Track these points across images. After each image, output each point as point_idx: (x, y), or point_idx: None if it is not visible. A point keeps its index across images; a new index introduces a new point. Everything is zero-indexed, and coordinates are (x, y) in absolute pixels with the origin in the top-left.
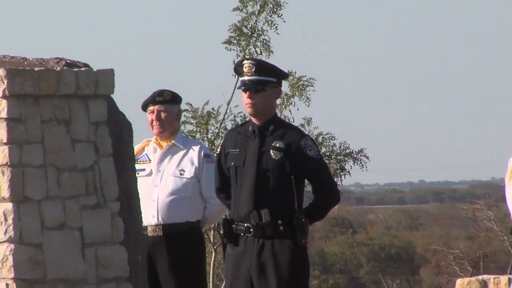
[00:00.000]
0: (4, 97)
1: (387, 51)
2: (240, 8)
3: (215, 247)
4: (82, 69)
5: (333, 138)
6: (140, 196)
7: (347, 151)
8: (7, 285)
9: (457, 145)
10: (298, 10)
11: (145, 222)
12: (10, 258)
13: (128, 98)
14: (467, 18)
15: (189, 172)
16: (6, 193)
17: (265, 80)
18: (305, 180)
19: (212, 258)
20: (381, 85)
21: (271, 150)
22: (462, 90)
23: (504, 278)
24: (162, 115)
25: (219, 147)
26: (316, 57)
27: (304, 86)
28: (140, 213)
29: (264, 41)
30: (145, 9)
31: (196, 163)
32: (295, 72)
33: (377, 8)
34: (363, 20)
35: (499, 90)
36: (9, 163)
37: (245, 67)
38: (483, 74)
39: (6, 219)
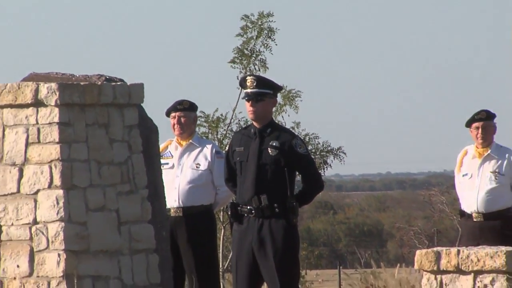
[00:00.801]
0: (56, 105)
1: (363, 69)
2: (242, 34)
3: (224, 225)
4: (118, 83)
5: (317, 138)
6: (164, 184)
7: (329, 148)
8: (58, 255)
9: (416, 143)
10: (288, 35)
11: (168, 205)
12: (61, 234)
13: (155, 106)
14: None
15: (204, 165)
16: (58, 182)
17: (264, 92)
18: (296, 172)
19: (222, 234)
20: (355, 96)
21: (268, 148)
22: (419, 99)
23: (453, 250)
24: (182, 120)
25: (227, 146)
26: (303, 73)
27: (294, 97)
28: (164, 198)
29: (261, 60)
30: (168, 38)
31: (209, 158)
32: (286, 86)
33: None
34: (340, 43)
35: (451, 98)
36: (60, 158)
37: (248, 82)
38: (441, 78)
39: (58, 203)
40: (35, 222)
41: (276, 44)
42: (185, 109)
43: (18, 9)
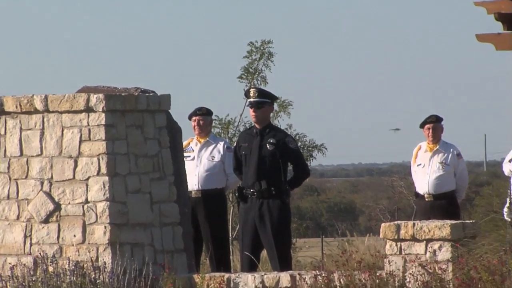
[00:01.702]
0: (103, 111)
1: (341, 85)
2: (248, 56)
3: (232, 204)
4: (151, 94)
5: (305, 136)
6: (187, 172)
7: (314, 144)
8: (105, 227)
9: (381, 140)
10: (283, 58)
11: (189, 188)
12: (107, 211)
13: (179, 112)
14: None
15: (217, 157)
16: (104, 170)
17: (263, 101)
18: (288, 162)
19: (231, 211)
20: (335, 105)
21: (267, 144)
22: (383, 106)
23: (410, 223)
24: (201, 122)
25: (235, 143)
26: (295, 87)
27: (287, 105)
28: (187, 182)
29: (262, 77)
30: (190, 60)
31: (221, 152)
32: (281, 97)
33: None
34: (322, 67)
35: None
36: (106, 152)
37: (251, 93)
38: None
39: (104, 187)
40: (86, 201)
41: (274, 65)
42: (203, 114)
43: (71, 33)
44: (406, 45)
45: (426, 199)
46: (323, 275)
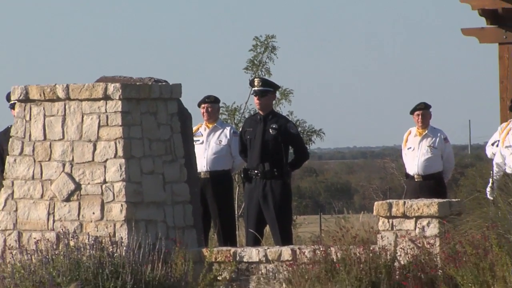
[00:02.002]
0: (119, 99)
1: (338, 73)
2: (253, 50)
3: (238, 184)
4: (163, 83)
5: (305, 122)
6: (196, 155)
7: (313, 129)
8: (121, 205)
9: (374, 126)
10: (285, 51)
11: (199, 170)
12: (123, 190)
13: (189, 100)
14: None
15: (224, 141)
16: (121, 153)
17: (267, 90)
18: (289, 146)
19: (237, 190)
20: (332, 93)
21: (270, 129)
22: (378, 94)
23: (401, 201)
24: (209, 109)
25: (241, 128)
26: (295, 77)
27: (288, 94)
28: (196, 164)
29: (266, 68)
30: (202, 54)
31: (228, 136)
32: (283, 86)
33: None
34: (322, 58)
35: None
36: (122, 137)
37: (256, 82)
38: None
39: (121, 168)
40: (104, 182)
41: (277, 57)
42: (211, 102)
43: (90, 26)
44: (397, 39)
45: (416, 180)
46: (321, 249)
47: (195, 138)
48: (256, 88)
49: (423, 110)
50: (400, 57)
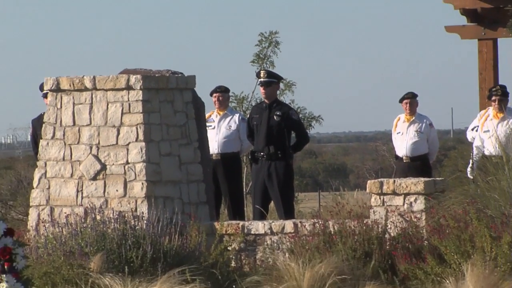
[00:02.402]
0: (140, 89)
1: (335, 65)
2: (258, 45)
3: (246, 165)
4: (179, 75)
5: (305, 109)
6: (209, 139)
7: (312, 116)
8: (142, 183)
9: (368, 113)
10: (287, 45)
11: (211, 152)
12: (144, 170)
13: (202, 90)
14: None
15: (234, 127)
16: (141, 137)
17: (271, 81)
18: (291, 131)
19: (245, 170)
20: (330, 83)
21: (274, 116)
22: (370, 87)
23: (391, 180)
24: (220, 98)
25: (249, 115)
26: (297, 69)
27: (291, 85)
28: (209, 147)
29: (271, 61)
30: (214, 50)
31: (237, 122)
32: (286, 78)
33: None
34: (321, 51)
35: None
36: (143, 122)
37: (261, 74)
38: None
39: (141, 151)
40: (127, 162)
41: (280, 51)
42: (222, 91)
43: (112, 23)
44: (389, 36)
45: (404, 161)
46: (320, 222)
47: (207, 124)
48: (262, 79)
49: (410, 99)
50: (390, 52)
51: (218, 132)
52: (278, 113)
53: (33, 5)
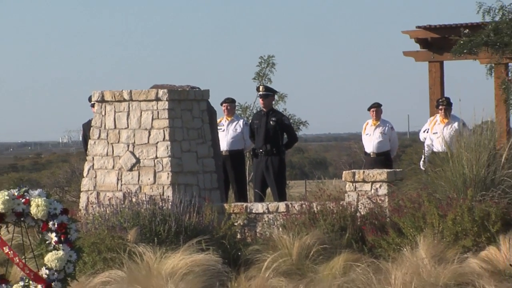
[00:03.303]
0: (166, 100)
1: (320, 79)
2: (258, 65)
3: (248, 159)
4: (197, 89)
5: (294, 116)
6: (219, 139)
7: (300, 121)
8: (168, 173)
9: (342, 118)
10: (281, 66)
11: (221, 149)
12: (169, 163)
13: (214, 100)
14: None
15: (239, 130)
16: (167, 137)
17: (268, 94)
18: (284, 133)
19: (248, 163)
20: (314, 96)
21: (270, 121)
22: (350, 97)
23: (361, 171)
24: (228, 107)
25: (251, 120)
26: (288, 84)
27: (283, 97)
28: (219, 145)
29: (268, 78)
30: (223, 72)
31: (241, 126)
32: (280, 91)
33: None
34: (308, 69)
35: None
36: (168, 126)
37: (260, 88)
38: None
39: (167, 148)
40: (156, 157)
41: (275, 70)
42: (230, 102)
43: (148, 44)
44: (359, 58)
45: (371, 156)
46: (306, 204)
47: (218, 127)
48: (261, 93)
49: (376, 108)
50: (362, 72)
51: (227, 133)
52: (273, 119)
53: (84, 33)
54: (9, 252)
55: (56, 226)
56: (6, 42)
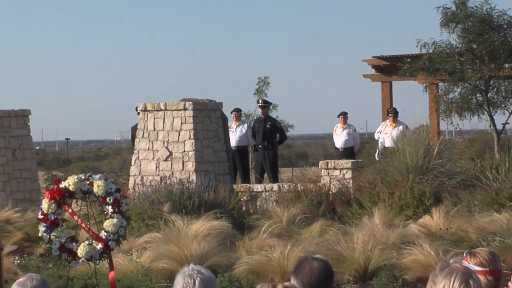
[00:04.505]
0: (191, 110)
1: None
2: (258, 84)
3: (251, 152)
4: (213, 101)
5: (285, 121)
6: (230, 138)
7: (288, 124)
8: (192, 163)
9: (319, 123)
10: (274, 84)
11: (231, 145)
12: (193, 155)
13: (227, 109)
14: None
15: (244, 131)
16: (192, 136)
17: (265, 105)
18: (277, 133)
19: (250, 156)
20: (300, 105)
21: (267, 125)
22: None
23: (333, 161)
24: (236, 114)
25: (253, 124)
26: (279, 98)
27: (276, 106)
28: (230, 142)
29: (264, 93)
30: (231, 89)
31: (246, 128)
32: (274, 102)
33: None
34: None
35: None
36: (193, 128)
37: (260, 101)
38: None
39: (192, 144)
40: (184, 151)
41: (270, 87)
42: (237, 111)
43: (174, 58)
44: (332, 80)
45: (340, 150)
46: (293, 184)
47: (229, 129)
48: (260, 104)
49: (344, 115)
50: (334, 89)
51: (235, 134)
52: (269, 123)
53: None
54: (78, 220)
55: (111, 201)
56: (85, 65)
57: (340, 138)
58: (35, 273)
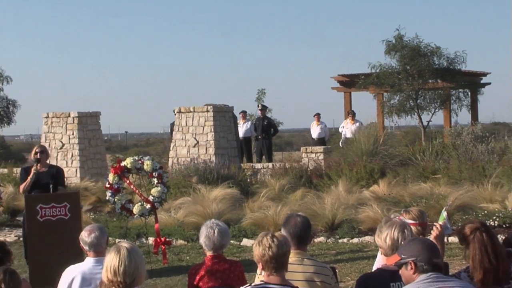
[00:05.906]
0: (212, 112)
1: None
2: (257, 93)
3: (253, 141)
4: (227, 105)
5: (276, 119)
6: (238, 131)
7: (280, 122)
8: (213, 148)
9: (301, 120)
10: (269, 94)
11: (240, 136)
12: (213, 143)
13: (237, 110)
14: None
15: (249, 126)
16: (212, 131)
17: (263, 109)
18: (272, 128)
19: (253, 143)
20: (288, 109)
21: (264, 122)
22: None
23: (310, 147)
24: (243, 115)
25: (254, 122)
26: (273, 103)
27: (270, 109)
28: (239, 134)
29: (263, 100)
30: (238, 96)
31: (250, 124)
32: (269, 107)
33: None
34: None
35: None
36: (213, 125)
37: (259, 106)
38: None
39: (213, 136)
40: (207, 140)
41: (266, 96)
42: (244, 113)
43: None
44: (311, 89)
45: (315, 140)
46: (282, 163)
47: (238, 125)
48: (259, 108)
49: (318, 115)
50: (311, 97)
51: (242, 128)
52: (266, 121)
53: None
54: (133, 188)
55: (156, 175)
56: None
57: (315, 131)
58: (99, 224)
